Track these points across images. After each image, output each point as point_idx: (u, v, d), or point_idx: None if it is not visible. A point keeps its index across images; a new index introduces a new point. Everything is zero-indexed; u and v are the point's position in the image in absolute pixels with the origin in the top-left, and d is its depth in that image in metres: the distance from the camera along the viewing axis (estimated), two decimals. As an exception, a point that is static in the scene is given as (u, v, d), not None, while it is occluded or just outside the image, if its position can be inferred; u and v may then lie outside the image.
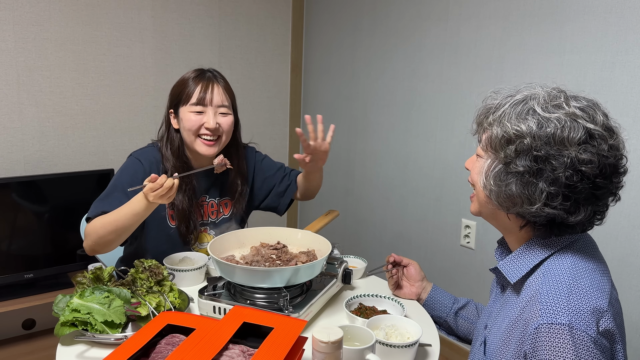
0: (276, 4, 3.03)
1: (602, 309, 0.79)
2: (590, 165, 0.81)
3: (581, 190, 0.83)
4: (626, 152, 0.88)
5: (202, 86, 1.47)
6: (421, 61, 2.41)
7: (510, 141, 0.84)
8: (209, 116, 1.46)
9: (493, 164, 0.88)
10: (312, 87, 3.12)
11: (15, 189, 2.23)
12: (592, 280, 0.83)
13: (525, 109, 0.85)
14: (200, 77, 1.49)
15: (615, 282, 1.80)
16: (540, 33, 1.91)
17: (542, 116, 0.83)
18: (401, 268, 1.36)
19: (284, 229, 1.44)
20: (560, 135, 0.81)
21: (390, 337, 1.05)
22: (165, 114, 1.56)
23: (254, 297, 1.19)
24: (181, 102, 1.49)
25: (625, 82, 1.69)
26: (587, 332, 0.76)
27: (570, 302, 0.79)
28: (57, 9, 2.35)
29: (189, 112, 1.47)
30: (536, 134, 0.82)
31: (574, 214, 0.84)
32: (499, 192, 0.88)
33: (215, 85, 1.49)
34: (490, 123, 0.89)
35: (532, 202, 0.84)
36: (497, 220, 0.96)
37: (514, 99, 0.87)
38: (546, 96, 0.85)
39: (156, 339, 0.87)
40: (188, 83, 1.49)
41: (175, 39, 2.70)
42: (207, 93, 1.47)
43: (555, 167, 0.81)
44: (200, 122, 1.46)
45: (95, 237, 1.34)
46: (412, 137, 2.49)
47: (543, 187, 0.83)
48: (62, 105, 2.44)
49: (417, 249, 2.53)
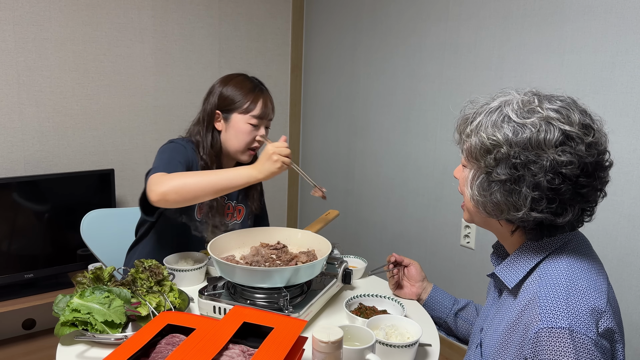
0: (276, 4, 3.03)
1: (600, 309, 0.79)
2: (570, 167, 0.81)
3: (565, 192, 0.82)
4: (609, 144, 0.86)
5: (263, 101, 1.50)
6: (421, 61, 2.41)
7: (489, 150, 0.85)
8: (262, 131, 1.51)
9: (476, 174, 0.89)
10: (312, 87, 3.12)
11: (15, 189, 2.23)
12: (589, 280, 0.83)
13: (500, 117, 0.85)
14: (258, 89, 1.51)
15: (615, 282, 1.80)
16: (540, 33, 1.91)
17: (517, 122, 0.83)
18: (402, 268, 1.36)
19: (284, 229, 1.44)
20: (536, 140, 0.81)
21: (390, 337, 1.05)
22: (209, 112, 1.52)
23: (254, 297, 1.19)
24: (237, 109, 1.49)
25: (625, 82, 1.69)
26: (588, 334, 0.76)
27: (569, 305, 0.79)
28: (57, 9, 2.35)
29: (247, 123, 1.48)
30: (512, 141, 0.82)
31: (561, 215, 0.84)
32: (485, 201, 0.88)
33: (270, 101, 1.53)
34: (468, 134, 0.90)
35: (517, 208, 0.85)
36: (489, 226, 0.96)
37: (489, 107, 0.88)
38: (520, 102, 0.86)
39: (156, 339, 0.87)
40: (248, 93, 1.49)
41: (175, 39, 2.70)
42: (267, 109, 1.51)
43: (535, 172, 0.82)
44: (255, 135, 1.50)
45: (178, 184, 1.24)
46: (412, 137, 2.49)
47: (526, 192, 0.83)
48: (62, 105, 2.44)
49: (417, 249, 2.53)
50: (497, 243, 1.03)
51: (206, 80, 2.84)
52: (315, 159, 3.16)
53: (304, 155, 3.25)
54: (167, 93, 2.73)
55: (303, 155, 3.26)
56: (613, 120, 1.73)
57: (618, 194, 1.74)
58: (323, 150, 3.08)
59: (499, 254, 1.04)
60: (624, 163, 1.72)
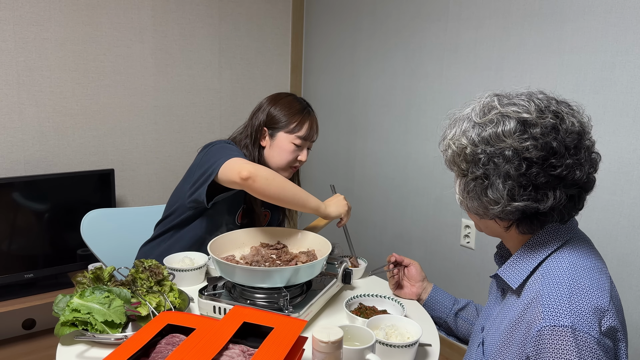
0: (276, 4, 3.03)
1: (603, 307, 0.79)
2: (531, 151, 0.84)
3: (536, 175, 0.84)
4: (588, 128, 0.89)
5: (309, 124, 1.54)
6: (421, 61, 2.41)
7: (459, 155, 0.91)
8: (305, 152, 1.56)
9: (458, 180, 0.95)
10: (312, 87, 3.12)
11: (15, 189, 2.23)
12: (592, 279, 0.83)
13: (468, 124, 0.90)
14: (306, 111, 1.55)
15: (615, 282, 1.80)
16: (540, 33, 1.91)
17: (479, 123, 0.88)
18: (402, 268, 1.36)
19: (284, 229, 1.44)
20: (495, 134, 0.86)
21: (390, 337, 1.05)
22: (256, 128, 1.55)
23: (254, 297, 1.19)
24: (284, 127, 1.52)
25: (625, 82, 1.69)
26: (590, 333, 0.76)
27: (571, 303, 0.79)
28: (57, 9, 2.35)
29: (291, 142, 1.52)
30: (475, 141, 0.88)
31: (542, 201, 0.86)
32: (469, 203, 0.93)
33: (315, 123, 1.57)
34: (445, 147, 0.95)
35: (497, 201, 0.88)
36: (493, 230, 0.98)
37: (460, 115, 0.93)
38: (482, 104, 0.91)
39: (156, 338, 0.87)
40: (296, 114, 1.53)
41: (175, 39, 2.71)
42: (312, 131, 1.55)
43: (500, 163, 0.85)
44: (297, 155, 1.54)
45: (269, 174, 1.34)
46: (412, 137, 2.49)
47: (500, 185, 0.86)
48: (62, 105, 2.44)
49: (417, 249, 2.53)
50: (501, 243, 1.04)
51: (206, 80, 2.84)
52: (315, 159, 3.16)
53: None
54: (167, 93, 2.73)
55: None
56: (613, 120, 1.73)
57: (618, 194, 1.74)
58: (323, 150, 3.08)
59: (502, 255, 1.05)
60: (623, 163, 1.72)
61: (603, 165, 1.77)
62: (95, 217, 1.82)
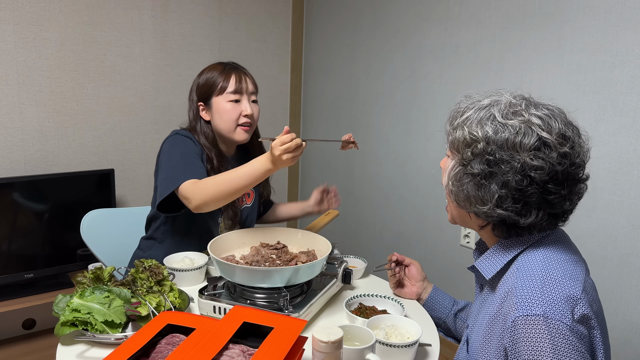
0: (276, 4, 3.03)
1: (575, 296, 0.81)
2: (539, 172, 0.84)
3: (531, 194, 0.86)
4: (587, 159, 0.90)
5: (236, 77, 1.52)
6: (421, 61, 2.41)
7: (469, 144, 0.89)
8: (246, 104, 1.52)
9: (455, 165, 0.93)
10: (312, 87, 3.12)
11: (15, 189, 2.23)
12: (565, 270, 0.85)
13: (487, 115, 0.89)
14: (229, 69, 1.54)
15: (615, 282, 1.80)
16: (540, 33, 1.91)
17: (500, 122, 0.87)
18: (403, 267, 1.36)
19: (284, 229, 1.44)
20: (513, 141, 0.85)
21: (390, 337, 1.05)
22: (194, 108, 1.57)
23: (254, 297, 1.19)
24: (214, 93, 1.52)
25: (625, 82, 1.69)
26: (562, 320, 0.78)
27: (544, 293, 0.81)
28: (57, 9, 2.35)
29: (227, 101, 1.51)
30: (491, 139, 0.86)
31: (525, 216, 0.88)
32: (457, 192, 0.93)
33: (245, 75, 1.55)
34: (455, 127, 0.93)
35: (484, 202, 0.89)
36: (465, 222, 0.99)
37: (480, 104, 0.92)
38: (508, 103, 0.89)
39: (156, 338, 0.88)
40: (220, 74, 1.53)
41: (175, 39, 2.70)
42: (242, 83, 1.52)
43: (506, 171, 0.85)
44: (239, 110, 1.51)
45: (205, 196, 1.31)
46: (412, 137, 2.49)
47: (494, 189, 0.87)
48: (62, 105, 2.44)
49: (417, 249, 2.53)
50: (480, 240, 1.07)
51: (206, 80, 2.84)
52: (315, 159, 3.16)
53: (304, 155, 3.25)
54: (167, 93, 2.73)
55: (303, 155, 3.27)
56: (613, 120, 1.73)
57: (618, 194, 1.74)
58: (323, 150, 3.08)
59: (480, 250, 1.08)
60: (623, 163, 1.72)
61: (603, 165, 1.77)
62: (95, 217, 1.82)
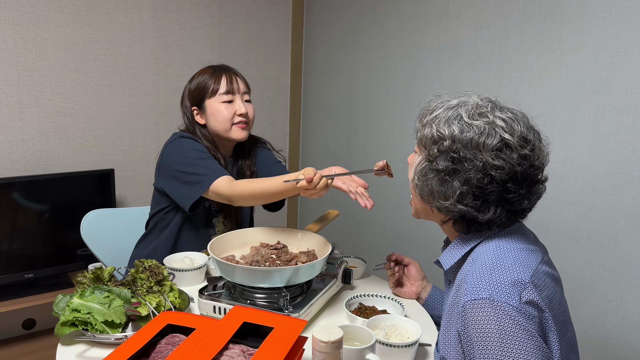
0: (276, 4, 3.03)
1: (523, 281, 0.83)
2: (499, 171, 0.88)
3: (491, 192, 0.90)
4: (546, 163, 0.95)
5: (226, 78, 1.54)
6: (421, 61, 2.41)
7: (435, 142, 0.94)
8: (239, 104, 1.54)
9: (421, 161, 0.98)
10: (312, 87, 3.12)
11: (15, 189, 2.23)
12: (516, 257, 0.89)
13: (454, 114, 0.93)
14: (219, 70, 1.57)
15: (615, 282, 1.80)
16: (540, 33, 1.91)
17: (466, 122, 0.91)
18: (402, 267, 1.36)
19: (284, 229, 1.44)
20: (477, 141, 0.89)
21: (390, 337, 1.05)
22: (189, 114, 1.59)
23: (254, 297, 1.19)
24: (206, 96, 1.54)
25: (625, 82, 1.69)
26: (509, 302, 0.80)
27: (492, 278, 0.84)
28: (57, 9, 2.35)
29: (220, 103, 1.53)
30: (457, 138, 0.91)
31: (483, 212, 0.92)
32: (422, 186, 0.97)
33: (236, 76, 1.57)
34: (424, 124, 0.99)
35: (446, 197, 0.93)
36: (428, 216, 1.04)
37: (449, 104, 0.97)
38: (475, 105, 0.94)
39: (156, 338, 0.88)
40: (209, 78, 1.55)
41: (175, 39, 2.70)
42: (233, 83, 1.55)
43: (468, 168, 0.90)
44: (232, 110, 1.53)
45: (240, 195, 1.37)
46: (412, 137, 2.49)
47: (457, 185, 0.91)
48: (62, 105, 2.44)
49: (417, 249, 2.53)
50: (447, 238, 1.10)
51: (206, 80, 2.84)
52: (315, 159, 3.16)
53: (304, 155, 3.25)
54: (167, 93, 2.73)
55: (303, 155, 3.27)
56: (613, 120, 1.73)
57: (618, 194, 1.74)
58: (323, 150, 3.08)
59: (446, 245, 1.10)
60: (623, 163, 1.72)
61: (603, 165, 1.77)
62: (95, 217, 1.82)
